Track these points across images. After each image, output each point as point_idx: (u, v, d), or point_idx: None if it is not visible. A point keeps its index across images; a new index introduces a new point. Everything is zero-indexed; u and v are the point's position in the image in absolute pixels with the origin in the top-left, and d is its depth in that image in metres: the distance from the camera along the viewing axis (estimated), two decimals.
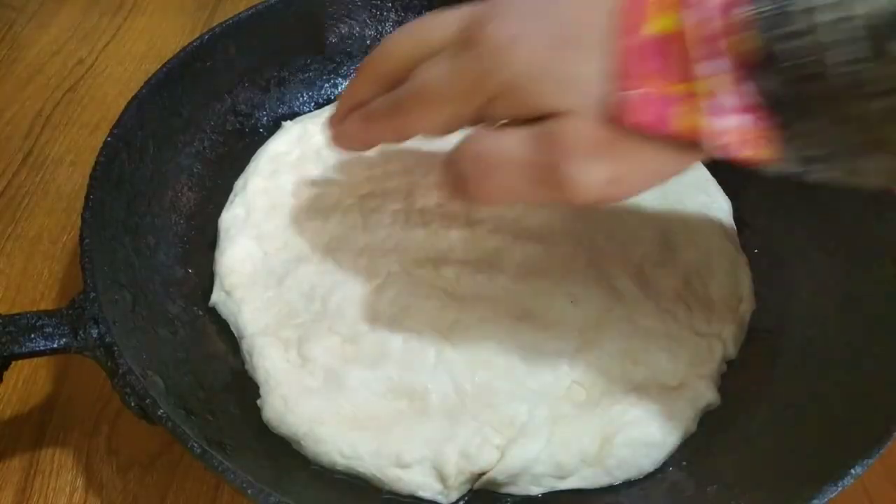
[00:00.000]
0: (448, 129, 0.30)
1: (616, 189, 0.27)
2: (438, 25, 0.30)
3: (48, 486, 0.37)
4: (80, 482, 0.37)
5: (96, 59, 0.58)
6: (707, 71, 0.24)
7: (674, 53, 0.25)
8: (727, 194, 0.44)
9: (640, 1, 0.26)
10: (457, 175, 0.29)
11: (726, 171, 0.43)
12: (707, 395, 0.35)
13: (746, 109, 0.24)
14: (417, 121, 0.31)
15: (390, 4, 0.50)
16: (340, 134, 0.35)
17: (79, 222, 0.35)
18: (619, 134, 0.26)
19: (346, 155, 0.43)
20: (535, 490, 0.34)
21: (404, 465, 0.33)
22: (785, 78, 0.23)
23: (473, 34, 0.28)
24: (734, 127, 0.24)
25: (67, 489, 0.37)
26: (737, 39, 0.23)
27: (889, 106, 0.23)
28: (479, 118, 0.29)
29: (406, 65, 0.31)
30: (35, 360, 0.39)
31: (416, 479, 0.33)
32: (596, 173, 0.27)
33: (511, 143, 0.28)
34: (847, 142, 0.24)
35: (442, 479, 0.33)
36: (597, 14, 0.26)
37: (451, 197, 0.30)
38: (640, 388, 0.35)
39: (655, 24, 0.25)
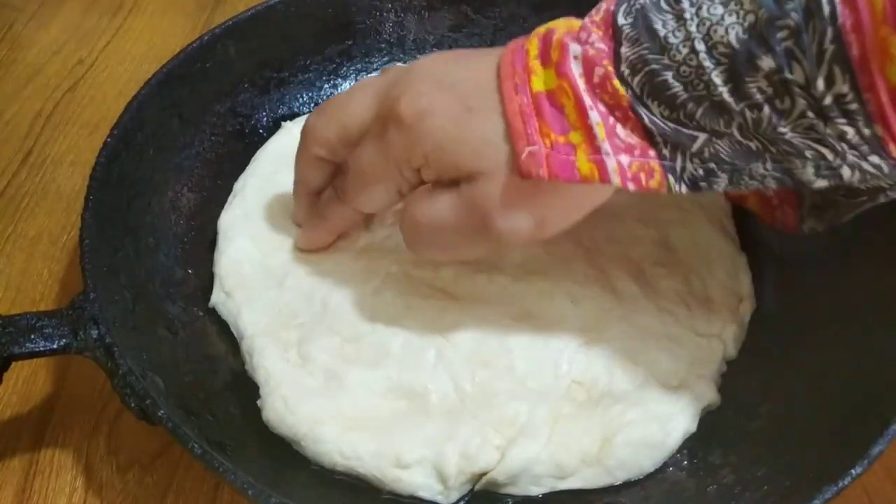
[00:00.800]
0: (391, 203, 0.34)
1: (544, 229, 0.30)
2: (356, 108, 0.33)
3: (48, 487, 0.37)
4: (79, 482, 0.37)
5: (96, 59, 0.58)
6: (597, 117, 0.26)
7: (566, 105, 0.27)
8: (727, 194, 0.44)
9: (521, 58, 0.28)
10: (405, 238, 0.33)
11: None
12: (707, 395, 0.35)
13: (633, 147, 0.27)
14: (362, 202, 0.34)
15: (389, 6, 0.50)
16: (307, 240, 0.39)
17: (79, 222, 0.35)
18: (535, 183, 0.28)
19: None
20: (536, 490, 0.34)
21: (404, 466, 0.33)
22: (656, 113, 0.26)
23: (389, 113, 0.30)
24: (627, 164, 0.27)
25: (67, 489, 0.37)
26: (612, 86, 0.26)
27: (754, 118, 0.25)
28: (415, 185, 0.32)
29: (336, 148, 0.34)
30: (35, 360, 0.39)
31: (417, 480, 0.33)
32: (523, 221, 0.29)
33: (442, 210, 0.31)
34: (726, 156, 0.26)
35: (442, 479, 0.33)
36: (487, 75, 0.29)
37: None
38: (640, 388, 0.35)
39: (541, 81, 0.28)
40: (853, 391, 0.33)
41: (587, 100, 0.26)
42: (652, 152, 0.27)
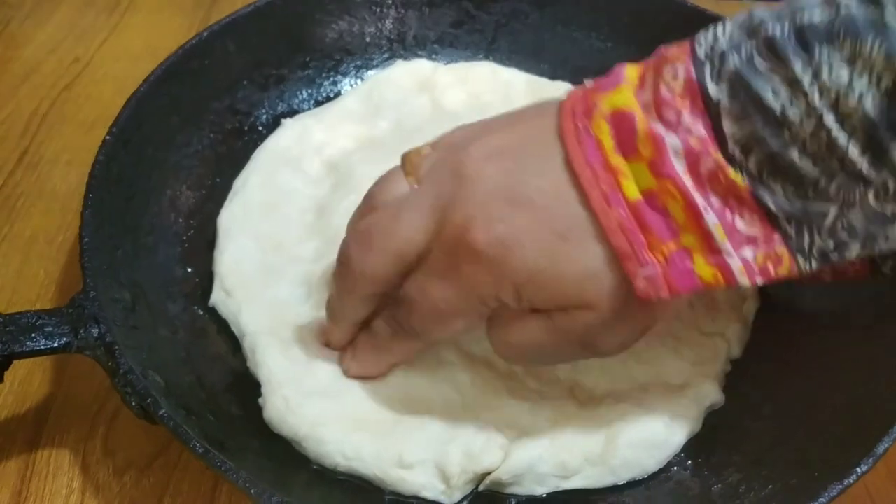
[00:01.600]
0: (469, 330, 0.31)
1: (642, 334, 0.29)
2: (409, 233, 0.29)
3: (44, 488, 0.36)
4: (76, 484, 0.36)
5: (93, 57, 0.58)
6: (714, 218, 0.24)
7: (670, 206, 0.24)
8: None
9: (595, 154, 0.25)
10: (496, 352, 0.31)
11: None
12: (712, 394, 0.35)
13: (755, 238, 0.24)
14: (438, 335, 0.31)
15: (390, 1, 0.50)
16: (366, 370, 0.35)
17: (74, 222, 0.35)
18: (639, 303, 0.26)
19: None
20: (540, 490, 0.33)
21: (407, 466, 0.32)
22: (779, 193, 0.23)
23: (459, 245, 0.27)
24: (752, 258, 0.24)
25: (64, 491, 0.36)
26: (726, 177, 0.23)
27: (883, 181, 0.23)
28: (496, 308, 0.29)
29: (390, 282, 0.30)
30: (31, 360, 0.38)
31: (419, 480, 0.32)
32: (621, 337, 0.28)
33: (536, 336, 0.29)
34: (859, 225, 0.24)
35: (445, 479, 0.32)
36: (563, 179, 0.26)
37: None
38: (644, 388, 0.35)
39: (632, 184, 0.25)
40: (857, 390, 0.33)
41: (699, 200, 0.24)
42: (776, 236, 0.24)
